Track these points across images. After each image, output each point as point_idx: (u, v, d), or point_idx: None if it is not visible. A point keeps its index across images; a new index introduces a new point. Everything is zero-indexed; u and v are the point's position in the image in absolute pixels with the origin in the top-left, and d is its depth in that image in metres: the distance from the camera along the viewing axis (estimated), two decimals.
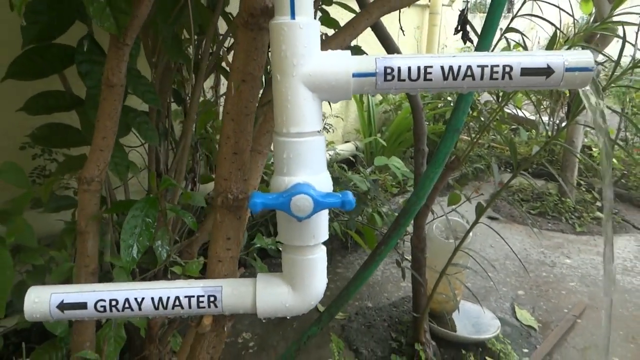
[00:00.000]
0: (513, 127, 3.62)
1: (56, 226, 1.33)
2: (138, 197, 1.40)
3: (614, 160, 3.01)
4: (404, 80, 0.52)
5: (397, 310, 1.83)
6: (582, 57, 0.52)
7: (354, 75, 0.52)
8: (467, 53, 0.53)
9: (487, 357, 1.54)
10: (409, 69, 0.51)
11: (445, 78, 0.52)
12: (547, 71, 0.52)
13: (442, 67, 0.51)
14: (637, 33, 1.40)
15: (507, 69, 0.52)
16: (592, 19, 2.47)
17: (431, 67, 0.51)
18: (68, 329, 1.11)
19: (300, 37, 0.50)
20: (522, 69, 0.51)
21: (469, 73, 0.51)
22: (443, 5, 3.98)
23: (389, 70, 0.51)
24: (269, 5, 0.57)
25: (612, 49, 1.48)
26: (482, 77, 0.52)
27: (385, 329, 1.70)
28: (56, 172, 1.19)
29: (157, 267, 0.91)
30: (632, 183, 3.10)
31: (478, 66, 0.51)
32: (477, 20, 4.82)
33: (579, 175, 3.02)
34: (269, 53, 0.53)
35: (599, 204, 2.88)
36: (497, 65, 0.51)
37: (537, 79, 0.52)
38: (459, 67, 0.51)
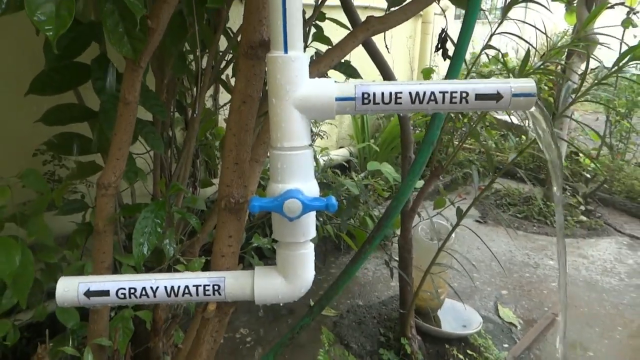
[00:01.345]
0: (502, 133, 3.74)
1: (63, 227, 1.43)
2: (142, 200, 1.50)
3: (597, 165, 3.13)
4: (378, 103, 0.62)
5: (386, 308, 1.93)
6: (526, 84, 0.62)
7: (337, 99, 0.62)
8: (431, 81, 0.63)
9: (468, 351, 1.64)
10: (383, 94, 0.61)
11: (412, 102, 0.62)
12: (497, 96, 0.62)
13: (410, 93, 0.61)
14: (621, 45, 1.51)
15: (464, 95, 0.62)
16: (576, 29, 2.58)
17: (401, 92, 0.61)
18: (79, 322, 1.21)
19: (292, 68, 0.60)
20: (476, 94, 0.62)
21: (432, 98, 0.62)
22: (435, 14, 4.09)
23: (366, 95, 0.61)
24: (265, 39, 0.67)
25: (604, 54, 1.54)
26: (443, 101, 0.62)
27: (374, 325, 1.80)
28: (68, 178, 1.29)
29: (166, 263, 1.01)
30: (615, 188, 3.22)
31: (440, 92, 0.61)
32: None
33: (564, 180, 3.14)
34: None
35: (582, 207, 3.00)
36: (456, 92, 0.62)
37: (489, 103, 0.62)
38: (424, 92, 0.62)
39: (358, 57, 1.45)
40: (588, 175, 3.22)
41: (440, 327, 1.76)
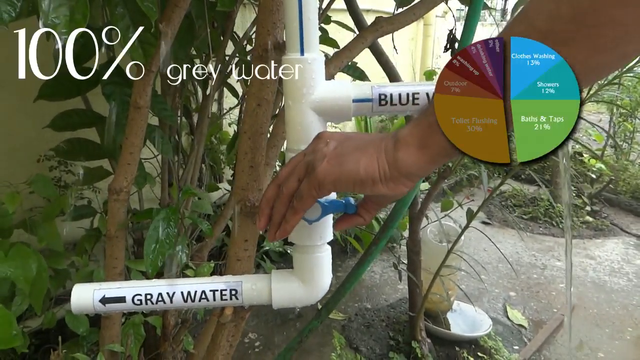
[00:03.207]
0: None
1: (69, 233, 1.42)
2: (148, 205, 1.49)
3: (603, 166, 3.12)
4: (395, 104, 0.61)
5: (394, 311, 1.92)
6: None
7: (354, 101, 0.61)
8: None
9: (479, 354, 1.63)
10: (400, 95, 0.61)
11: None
12: None
13: (427, 94, 0.61)
14: None
15: None
16: None
17: (418, 93, 0.61)
18: (89, 328, 1.20)
19: (309, 70, 0.59)
20: None
21: None
22: (436, 16, 4.10)
23: (382, 97, 0.61)
24: (280, 41, 0.67)
25: None
26: None
27: (383, 329, 1.79)
28: (77, 183, 1.29)
29: (179, 268, 1.01)
30: (620, 188, 3.21)
31: None
32: None
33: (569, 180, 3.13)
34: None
35: (588, 208, 2.99)
36: None
37: None
38: None
39: (358, 59, 1.45)
40: (593, 176, 3.21)
41: (450, 329, 1.75)
